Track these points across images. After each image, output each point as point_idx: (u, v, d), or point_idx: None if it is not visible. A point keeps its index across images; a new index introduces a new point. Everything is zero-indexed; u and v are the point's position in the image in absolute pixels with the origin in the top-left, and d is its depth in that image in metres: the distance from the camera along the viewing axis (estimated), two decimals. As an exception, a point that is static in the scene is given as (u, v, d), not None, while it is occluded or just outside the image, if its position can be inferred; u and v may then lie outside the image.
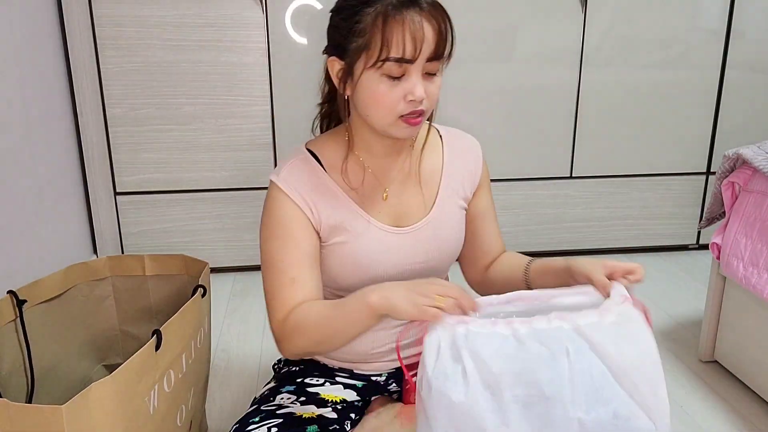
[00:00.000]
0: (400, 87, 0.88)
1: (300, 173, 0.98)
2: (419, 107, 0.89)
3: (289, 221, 0.96)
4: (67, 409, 0.75)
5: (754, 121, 2.33)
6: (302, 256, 0.96)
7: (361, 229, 0.99)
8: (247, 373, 1.64)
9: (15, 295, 1.10)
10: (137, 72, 2.02)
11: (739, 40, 2.23)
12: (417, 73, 0.87)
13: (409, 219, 1.02)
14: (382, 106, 0.89)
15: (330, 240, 0.99)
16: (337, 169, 1.00)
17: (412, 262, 1.01)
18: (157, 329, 0.94)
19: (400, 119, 0.90)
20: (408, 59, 0.86)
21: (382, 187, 1.02)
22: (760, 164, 1.39)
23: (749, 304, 1.49)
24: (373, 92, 0.88)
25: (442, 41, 0.88)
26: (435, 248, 1.03)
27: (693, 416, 1.44)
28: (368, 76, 0.88)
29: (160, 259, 1.31)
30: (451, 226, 1.05)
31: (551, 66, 2.18)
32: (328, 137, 1.04)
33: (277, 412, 0.98)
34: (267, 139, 2.14)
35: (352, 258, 0.99)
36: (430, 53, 0.87)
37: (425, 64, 0.88)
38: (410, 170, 1.03)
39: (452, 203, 1.06)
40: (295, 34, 2.05)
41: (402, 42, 0.85)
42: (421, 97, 0.88)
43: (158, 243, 2.19)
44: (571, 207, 2.36)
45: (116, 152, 2.09)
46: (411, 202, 1.03)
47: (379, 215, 1.01)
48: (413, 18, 0.85)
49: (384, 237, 1.00)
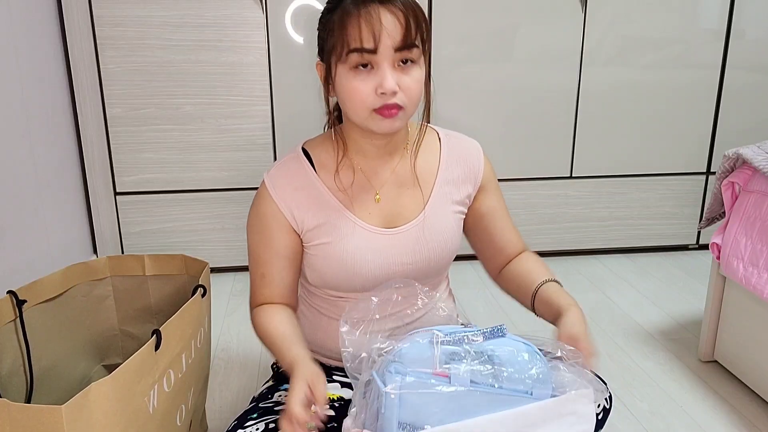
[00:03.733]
0: (371, 80, 0.88)
1: (288, 172, 1.01)
2: (392, 100, 0.89)
3: (268, 220, 1.00)
4: (66, 409, 0.75)
5: (754, 121, 2.33)
6: (273, 256, 1.01)
7: (346, 230, 0.99)
8: (247, 373, 1.64)
9: (15, 295, 1.10)
10: (137, 72, 2.02)
11: (739, 40, 2.23)
12: (386, 64, 0.87)
13: (399, 220, 1.02)
14: (355, 99, 0.90)
15: (314, 240, 1.00)
16: (327, 170, 1.01)
17: (399, 263, 1.01)
18: (156, 329, 0.94)
19: (375, 113, 0.90)
20: (368, 49, 0.86)
21: (373, 189, 1.01)
22: (760, 164, 1.39)
23: (749, 304, 1.49)
24: (346, 87, 0.90)
25: (407, 30, 0.87)
26: (423, 250, 1.02)
27: (693, 416, 1.44)
28: (340, 73, 0.90)
29: (160, 259, 1.31)
30: (441, 229, 1.03)
31: (551, 66, 2.19)
32: (324, 137, 1.04)
33: (275, 409, 0.99)
34: (267, 139, 2.14)
35: (337, 259, 0.99)
36: (395, 43, 0.87)
37: (395, 54, 0.87)
38: (405, 172, 1.03)
39: (445, 206, 1.05)
40: (295, 34, 2.05)
41: (359, 33, 0.86)
42: (392, 89, 0.87)
43: (158, 243, 2.19)
44: (571, 207, 2.36)
45: (116, 152, 2.09)
46: (404, 204, 1.02)
47: (369, 216, 1.01)
48: (370, 10, 0.86)
49: (369, 237, 1.00)
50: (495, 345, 0.81)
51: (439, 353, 0.79)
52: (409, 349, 0.80)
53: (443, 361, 0.78)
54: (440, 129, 1.10)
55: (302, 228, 1.00)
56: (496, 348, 0.81)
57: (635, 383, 1.57)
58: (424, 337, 0.82)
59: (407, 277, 1.02)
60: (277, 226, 1.00)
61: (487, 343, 0.81)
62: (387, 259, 1.00)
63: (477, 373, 0.78)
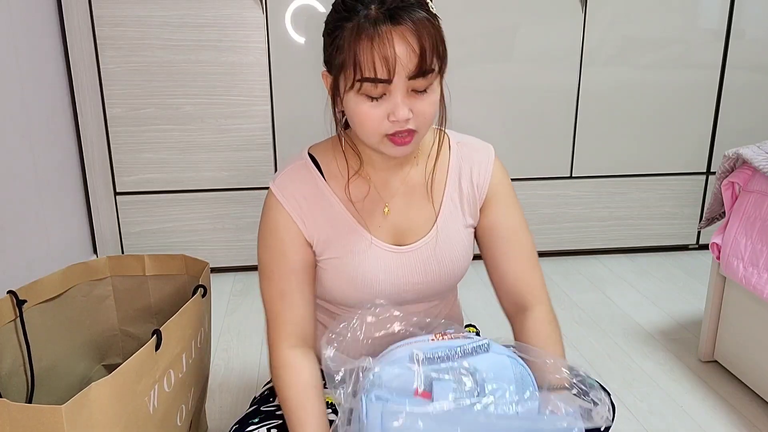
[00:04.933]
0: (383, 106, 0.83)
1: (296, 180, 0.95)
2: (405, 127, 0.84)
3: (281, 232, 0.94)
4: (66, 409, 0.75)
5: (754, 121, 2.33)
6: (290, 271, 0.94)
7: (358, 247, 0.94)
8: (247, 372, 1.64)
9: (15, 295, 1.10)
10: (137, 72, 2.02)
11: (739, 40, 2.23)
12: (399, 91, 0.82)
13: (410, 236, 0.98)
14: (366, 125, 0.85)
15: (324, 254, 0.95)
16: (337, 179, 0.96)
17: (410, 282, 0.97)
18: (156, 329, 0.94)
19: (387, 138, 0.86)
20: (382, 79, 0.81)
21: (383, 201, 0.97)
22: (760, 164, 1.39)
23: (749, 304, 1.49)
24: (356, 112, 0.85)
25: (422, 59, 0.80)
26: (435, 269, 0.98)
27: (693, 416, 1.44)
28: (349, 96, 0.85)
29: (160, 259, 1.31)
30: (453, 246, 0.98)
31: (551, 66, 2.18)
32: (333, 144, 0.99)
33: (276, 413, 0.97)
34: (267, 139, 2.14)
35: (347, 276, 0.95)
36: (409, 72, 0.81)
37: (409, 81, 0.82)
38: (416, 183, 0.98)
39: (456, 220, 0.99)
40: (295, 35, 2.05)
41: (372, 62, 0.80)
42: (405, 117, 0.82)
43: (158, 243, 2.19)
44: (571, 207, 2.36)
45: (116, 152, 2.09)
46: (414, 218, 0.98)
47: (379, 230, 0.96)
48: (385, 36, 0.79)
49: (381, 255, 0.95)
50: (478, 361, 0.77)
51: (421, 373, 0.75)
52: (389, 372, 0.76)
53: (425, 381, 0.75)
54: (453, 135, 1.03)
55: (313, 240, 0.95)
56: (479, 364, 0.77)
57: (635, 383, 1.57)
58: (403, 356, 0.77)
59: (418, 294, 0.99)
60: (290, 238, 0.94)
61: (471, 359, 0.77)
62: (398, 279, 0.96)
63: (460, 392, 0.74)
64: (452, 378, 0.76)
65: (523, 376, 0.79)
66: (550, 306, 1.01)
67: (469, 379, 0.76)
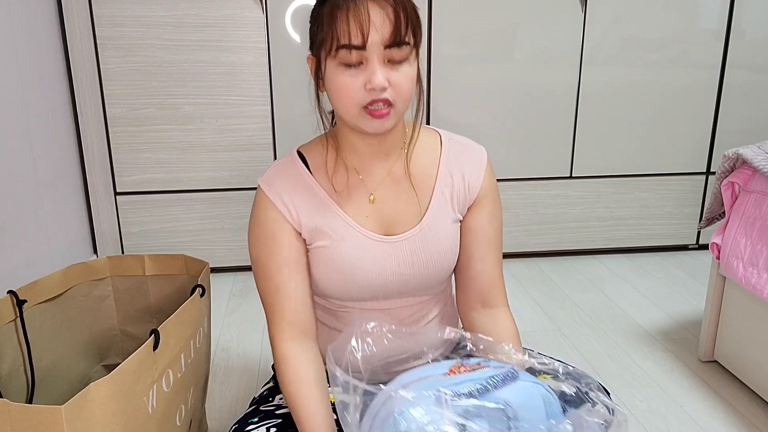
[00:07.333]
0: (360, 76, 0.86)
1: (283, 175, 0.98)
2: (381, 96, 0.87)
3: (271, 227, 0.96)
4: (66, 409, 0.75)
5: (754, 121, 2.33)
6: (283, 264, 0.96)
7: (343, 233, 0.96)
8: (247, 373, 1.64)
9: (15, 295, 1.10)
10: (137, 72, 2.02)
11: (739, 40, 2.23)
12: (376, 60, 0.85)
13: (399, 227, 0.99)
14: (344, 96, 0.88)
15: (313, 243, 0.98)
16: (322, 171, 0.98)
17: (396, 272, 0.98)
18: (155, 329, 0.94)
19: (365, 111, 0.88)
20: (356, 45, 0.84)
21: (367, 189, 0.99)
22: (760, 164, 1.39)
23: (749, 304, 1.49)
24: (335, 83, 0.88)
25: (396, 27, 0.85)
26: (423, 260, 0.99)
27: (693, 416, 1.44)
28: (330, 68, 0.89)
29: (160, 259, 1.31)
30: (439, 240, 1.00)
31: (551, 66, 2.19)
32: (319, 139, 1.03)
33: (276, 413, 0.98)
34: (267, 139, 2.15)
35: (335, 264, 0.96)
36: (384, 39, 0.85)
37: (384, 51, 0.85)
38: (402, 174, 1.00)
39: (445, 214, 1.01)
40: (294, 34, 2.05)
41: (347, 28, 0.84)
42: (381, 85, 0.85)
43: (158, 243, 2.19)
44: (571, 207, 2.36)
45: (116, 152, 2.09)
46: (403, 209, 0.99)
47: (366, 220, 0.98)
48: (361, 5, 0.84)
49: (368, 244, 0.97)
50: (509, 394, 0.75)
51: (452, 417, 0.71)
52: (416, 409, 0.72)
53: (455, 423, 0.71)
54: (444, 132, 1.05)
55: (302, 229, 0.97)
56: (510, 397, 0.74)
57: (635, 383, 1.57)
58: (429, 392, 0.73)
59: (405, 287, 0.99)
60: (281, 231, 0.96)
61: (500, 393, 0.74)
62: (385, 269, 0.97)
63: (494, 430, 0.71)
64: (485, 417, 0.72)
65: (549, 400, 0.77)
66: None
67: (502, 415, 0.73)
